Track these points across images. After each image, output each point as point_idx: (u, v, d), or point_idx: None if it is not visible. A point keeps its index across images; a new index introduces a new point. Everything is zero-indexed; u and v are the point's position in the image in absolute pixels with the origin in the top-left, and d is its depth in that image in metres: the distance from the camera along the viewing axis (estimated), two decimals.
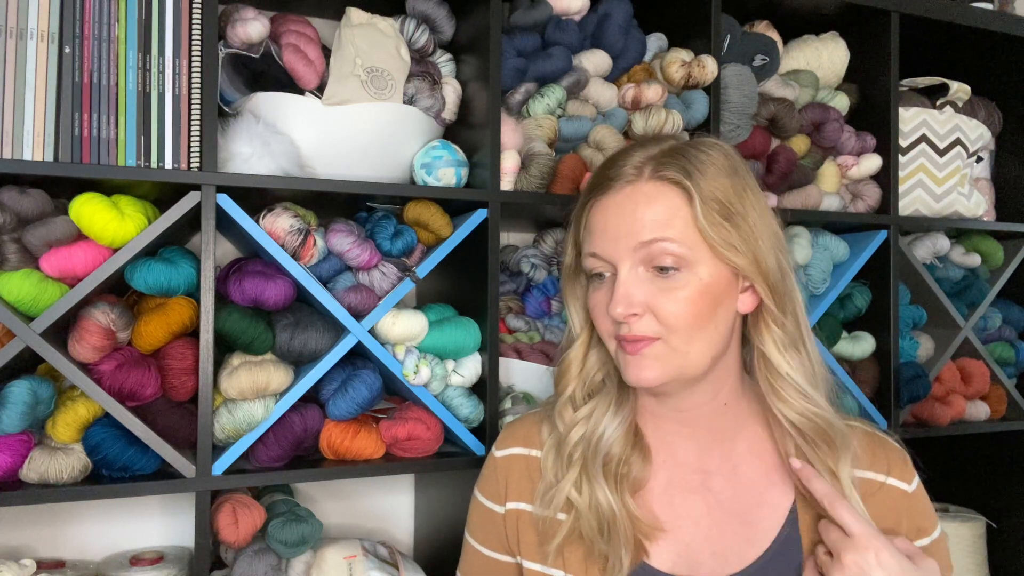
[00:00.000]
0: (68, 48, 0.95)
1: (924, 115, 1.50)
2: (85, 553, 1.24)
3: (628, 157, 0.79)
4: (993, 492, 1.68)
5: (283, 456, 1.07)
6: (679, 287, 0.74)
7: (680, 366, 0.75)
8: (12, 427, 0.94)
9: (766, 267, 0.76)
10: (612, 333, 0.78)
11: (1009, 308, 1.64)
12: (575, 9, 1.25)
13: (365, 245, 1.10)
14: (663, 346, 0.75)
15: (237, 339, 1.04)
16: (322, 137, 1.09)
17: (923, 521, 0.81)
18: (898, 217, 1.43)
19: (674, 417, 0.82)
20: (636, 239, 0.75)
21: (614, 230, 0.77)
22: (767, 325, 0.78)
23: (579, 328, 0.86)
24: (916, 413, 1.49)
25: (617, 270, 0.76)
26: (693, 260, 0.74)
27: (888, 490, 0.80)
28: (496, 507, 0.87)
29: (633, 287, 0.75)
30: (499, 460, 0.89)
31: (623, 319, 0.75)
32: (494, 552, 0.87)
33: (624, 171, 0.78)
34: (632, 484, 0.80)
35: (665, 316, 0.74)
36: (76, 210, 0.95)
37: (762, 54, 1.37)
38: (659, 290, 0.74)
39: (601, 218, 0.79)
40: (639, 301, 0.74)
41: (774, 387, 0.79)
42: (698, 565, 0.78)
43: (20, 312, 0.96)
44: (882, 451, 0.83)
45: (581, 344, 0.85)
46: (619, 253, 0.76)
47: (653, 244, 0.74)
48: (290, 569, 1.10)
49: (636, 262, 0.75)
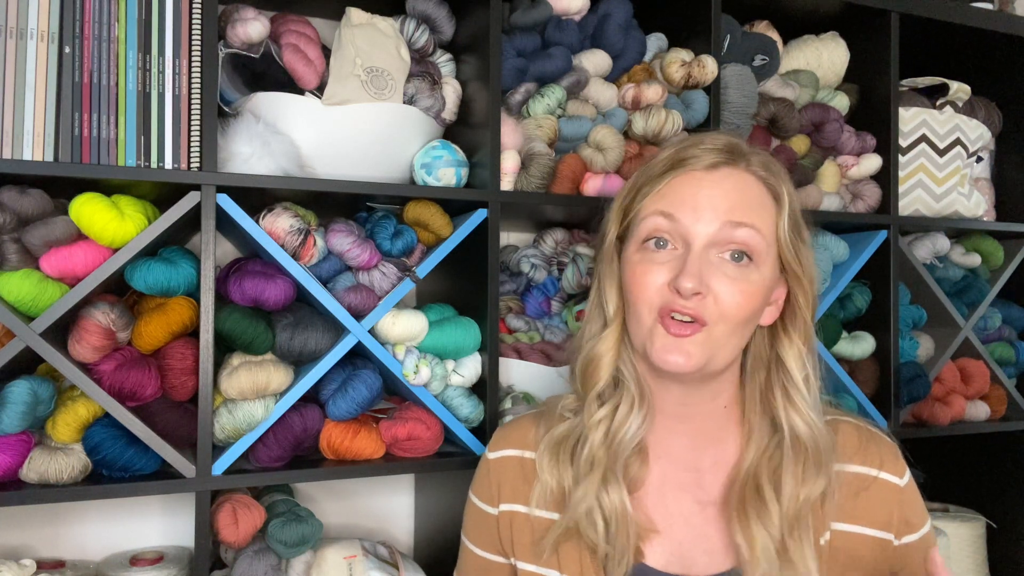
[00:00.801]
0: (68, 48, 0.95)
1: (924, 115, 1.50)
2: (85, 553, 1.24)
3: (719, 139, 0.79)
4: (993, 492, 1.68)
5: (283, 456, 1.07)
6: (745, 279, 0.75)
7: (712, 357, 0.75)
8: (12, 427, 0.94)
9: (814, 287, 0.80)
10: (657, 305, 0.75)
11: (1009, 308, 1.64)
12: (575, 9, 1.25)
13: (365, 245, 1.10)
14: (707, 335, 0.74)
15: (237, 339, 1.04)
16: (322, 137, 1.09)
17: (913, 515, 0.81)
18: (898, 217, 1.43)
19: (675, 413, 0.82)
20: (726, 216, 0.75)
21: (705, 201, 0.75)
22: (790, 339, 0.80)
23: (613, 312, 0.82)
24: (916, 413, 1.49)
25: (691, 244, 0.75)
26: (765, 257, 0.76)
27: (881, 484, 0.80)
28: (489, 509, 0.87)
29: (705, 265, 0.74)
30: (492, 462, 0.88)
31: (688, 295, 0.73)
32: (488, 553, 0.87)
33: (719, 154, 0.78)
34: (631, 484, 0.80)
35: (725, 304, 0.74)
36: (76, 210, 0.95)
37: (762, 54, 1.37)
38: (727, 277, 0.74)
39: (691, 187, 0.77)
40: (707, 282, 0.74)
41: (790, 396, 0.79)
42: (691, 563, 0.79)
43: (20, 312, 0.96)
44: (874, 445, 0.82)
45: (615, 331, 0.81)
46: (701, 226, 0.75)
47: (740, 227, 0.75)
48: (290, 569, 1.10)
49: (712, 242, 0.75)
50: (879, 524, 0.79)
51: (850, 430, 0.83)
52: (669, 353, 0.74)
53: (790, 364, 0.79)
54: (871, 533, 0.79)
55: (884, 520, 0.79)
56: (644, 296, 0.76)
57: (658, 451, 0.83)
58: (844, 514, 0.79)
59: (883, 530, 0.79)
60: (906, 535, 0.80)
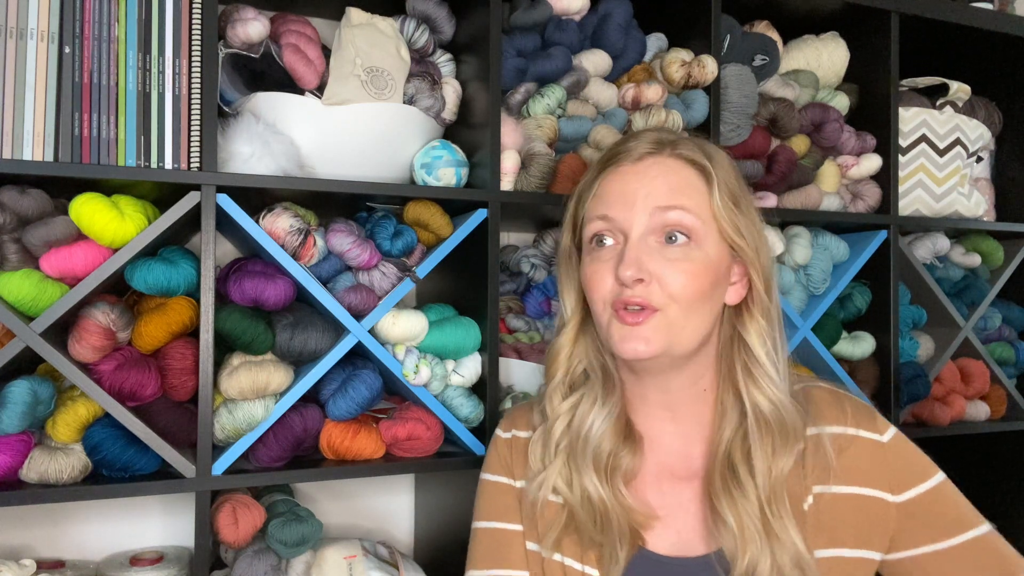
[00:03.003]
0: (68, 48, 0.95)
1: (924, 115, 1.50)
2: (85, 553, 1.24)
3: (645, 135, 0.82)
4: (993, 492, 1.68)
5: (283, 456, 1.07)
6: (686, 259, 0.76)
7: (673, 341, 0.76)
8: (12, 427, 0.94)
9: (764, 259, 0.81)
10: (609, 300, 0.78)
11: (1009, 308, 1.64)
12: (575, 9, 1.25)
13: (365, 245, 1.10)
14: (661, 318, 0.76)
15: (237, 339, 1.04)
16: (322, 137, 1.09)
17: (906, 469, 0.80)
18: (898, 217, 1.43)
19: (659, 402, 0.83)
20: (654, 203, 0.77)
21: (632, 194, 0.78)
22: (751, 316, 0.81)
23: (571, 311, 0.86)
24: (916, 413, 1.49)
25: (628, 236, 0.77)
26: (703, 235, 0.77)
27: (861, 442, 0.81)
28: (507, 480, 0.88)
29: (643, 253, 0.76)
30: (503, 440, 0.91)
31: (631, 283, 0.75)
32: (505, 523, 0.87)
33: (644, 145, 0.80)
34: (625, 475, 0.81)
35: (670, 285, 0.75)
36: (76, 210, 0.95)
37: (762, 54, 1.37)
38: (667, 260, 0.76)
39: (619, 184, 0.80)
40: (648, 268, 0.75)
41: (752, 374, 0.80)
42: (691, 547, 0.80)
43: (20, 312, 0.96)
44: (849, 406, 0.83)
45: (572, 328, 0.86)
46: (633, 217, 0.77)
47: (670, 211, 0.76)
48: (290, 569, 1.10)
49: (648, 230, 0.77)
50: (864, 482, 0.79)
51: (823, 394, 0.84)
52: (627, 342, 0.76)
53: (751, 341, 0.80)
54: (857, 491, 0.79)
55: (870, 477, 0.79)
56: (598, 295, 0.79)
57: (652, 440, 0.84)
58: (826, 476, 0.79)
59: (871, 487, 0.79)
60: (907, 490, 0.79)
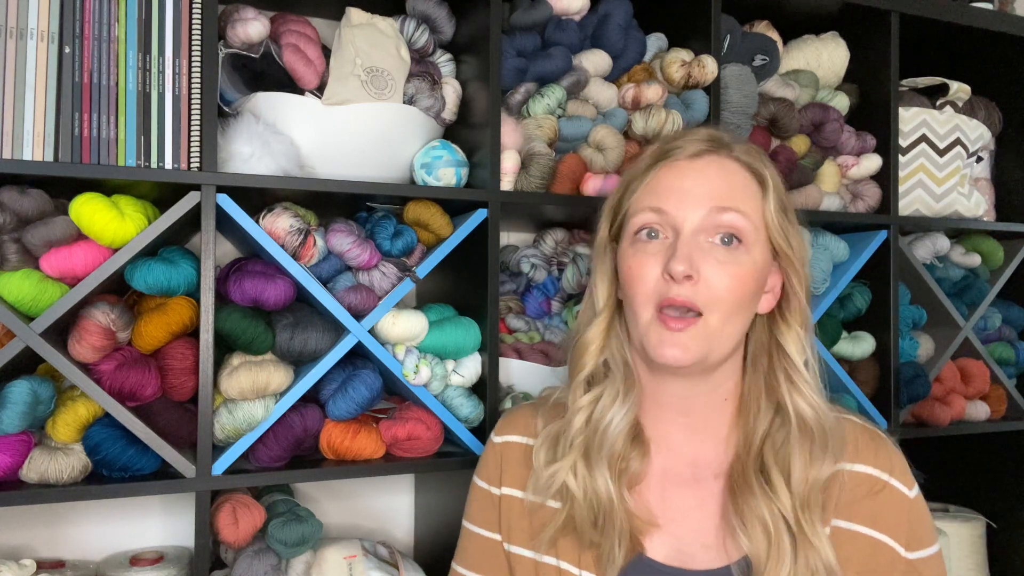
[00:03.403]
0: (68, 48, 0.95)
1: (924, 115, 1.50)
2: (85, 553, 1.24)
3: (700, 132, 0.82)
4: (993, 492, 1.68)
5: (283, 456, 1.07)
6: (735, 263, 0.76)
7: (710, 350, 0.76)
8: (12, 427, 0.94)
9: (807, 268, 0.82)
10: (653, 298, 0.77)
11: (1009, 308, 1.64)
12: (575, 9, 1.25)
13: (365, 245, 1.10)
14: (702, 327, 0.75)
15: (237, 339, 1.04)
16: (322, 137, 1.09)
17: (923, 532, 0.80)
18: (898, 217, 1.43)
19: (675, 406, 0.82)
20: (712, 202, 0.76)
21: (690, 189, 0.77)
22: (788, 325, 0.81)
23: (603, 303, 0.84)
24: (916, 413, 1.49)
25: (680, 231, 0.77)
26: (753, 241, 0.77)
27: (892, 491, 0.80)
28: (492, 489, 0.88)
29: (695, 250, 0.76)
30: (497, 445, 0.90)
31: (680, 279, 0.74)
32: (491, 533, 0.87)
33: (702, 143, 0.80)
34: (630, 479, 0.81)
35: (716, 288, 0.75)
36: (76, 210, 0.95)
37: (762, 54, 1.37)
38: (717, 262, 0.75)
39: (676, 178, 0.79)
40: (697, 266, 0.75)
41: (794, 381, 0.80)
42: (690, 558, 0.79)
43: (20, 312, 0.96)
44: (884, 451, 0.82)
45: (603, 320, 0.84)
46: (688, 213, 0.77)
47: (727, 212, 0.76)
48: (290, 569, 1.10)
49: (700, 228, 0.76)
50: (884, 528, 0.78)
51: (858, 430, 0.83)
52: (665, 347, 0.75)
53: (790, 349, 0.81)
54: (873, 535, 0.78)
55: (890, 525, 0.78)
56: (641, 288, 0.78)
57: (659, 444, 0.84)
58: (848, 512, 0.78)
59: (888, 535, 0.78)
60: (918, 550, 0.79)
